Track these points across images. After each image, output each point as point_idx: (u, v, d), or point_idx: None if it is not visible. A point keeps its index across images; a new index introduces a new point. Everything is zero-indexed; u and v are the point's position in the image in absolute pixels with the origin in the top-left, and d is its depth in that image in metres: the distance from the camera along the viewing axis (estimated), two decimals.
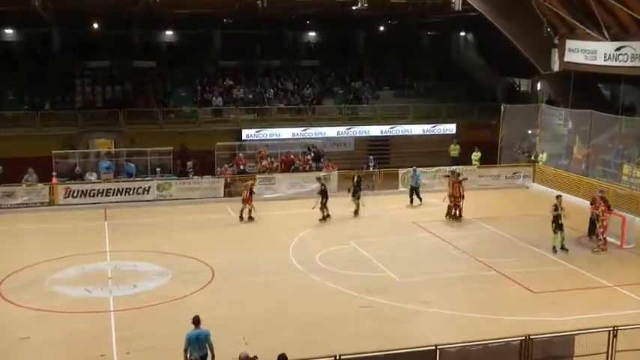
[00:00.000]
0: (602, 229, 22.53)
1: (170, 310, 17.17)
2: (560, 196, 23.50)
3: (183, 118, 37.05)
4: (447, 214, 26.51)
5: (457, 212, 26.28)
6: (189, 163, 31.61)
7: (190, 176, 30.60)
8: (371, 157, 33.22)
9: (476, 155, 34.90)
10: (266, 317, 16.99)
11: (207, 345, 13.03)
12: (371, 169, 32.33)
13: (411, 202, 28.67)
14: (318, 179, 27.44)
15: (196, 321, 13.23)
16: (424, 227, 25.48)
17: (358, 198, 26.80)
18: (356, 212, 26.85)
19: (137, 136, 34.81)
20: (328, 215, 26.34)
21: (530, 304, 18.04)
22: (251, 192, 26.43)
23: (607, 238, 22.98)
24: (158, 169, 31.31)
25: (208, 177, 30.48)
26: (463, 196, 26.23)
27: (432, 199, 29.64)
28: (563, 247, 22.26)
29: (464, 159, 35.32)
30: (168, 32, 42.75)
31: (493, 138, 35.68)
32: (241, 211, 26.26)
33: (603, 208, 22.51)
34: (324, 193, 26.27)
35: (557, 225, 22.23)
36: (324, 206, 26.21)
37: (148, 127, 35.72)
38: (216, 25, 41.66)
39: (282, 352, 11.80)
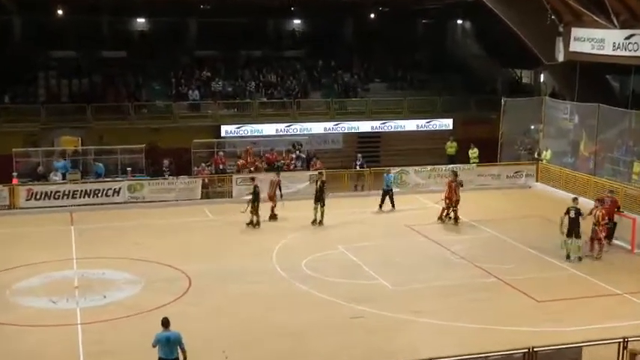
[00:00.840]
0: (603, 234, 22.38)
1: (143, 322, 17.04)
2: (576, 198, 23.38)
3: (156, 114, 36.89)
4: (439, 217, 26.54)
5: (454, 216, 26.25)
6: (165, 162, 31.50)
7: (165, 176, 30.47)
8: (359, 155, 33.20)
9: (473, 153, 35.02)
10: (247, 329, 16.94)
11: (178, 348, 13.25)
12: (358, 167, 32.30)
13: (380, 206, 28.26)
14: (252, 179, 27.12)
15: (166, 322, 13.47)
16: (418, 231, 25.51)
17: (322, 205, 26.02)
18: (319, 222, 25.97)
19: (106, 132, 34.64)
20: (258, 223, 25.69)
21: (534, 313, 18.09)
22: (279, 188, 27.08)
23: (616, 242, 23.10)
24: (129, 169, 31.17)
25: (184, 177, 30.39)
26: (458, 199, 26.20)
27: (426, 200, 29.76)
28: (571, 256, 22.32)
29: (461, 157, 35.43)
30: (140, 20, 42.56)
31: (493, 134, 35.78)
32: (272, 209, 26.87)
33: (603, 212, 22.41)
34: (256, 196, 25.73)
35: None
36: (255, 210, 25.68)
37: (118, 123, 35.53)
38: (193, 13, 41.51)
39: None
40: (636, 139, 30.40)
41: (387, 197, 28.49)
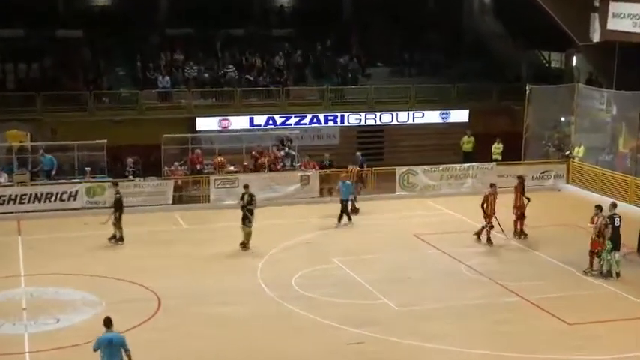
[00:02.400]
0: (594, 248, 22.28)
1: None
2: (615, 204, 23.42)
3: (120, 104, 36.85)
4: (514, 232, 25.99)
5: (487, 236, 25.52)
6: (130, 161, 31.47)
7: (129, 178, 30.43)
8: (359, 153, 33.21)
9: (497, 148, 35.08)
10: (226, 357, 16.84)
11: (122, 351, 13.89)
12: (358, 168, 32.28)
13: (339, 219, 27.61)
14: (114, 184, 26.87)
15: (108, 322, 14.11)
16: (428, 241, 25.59)
17: (249, 223, 24.91)
18: (243, 244, 24.84)
19: (60, 126, 34.56)
20: (121, 237, 25.44)
21: (564, 338, 18.12)
22: (358, 180, 28.83)
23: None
24: (88, 169, 31.10)
25: (153, 179, 30.38)
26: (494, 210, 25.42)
27: (438, 205, 29.84)
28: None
29: (480, 154, 35.48)
30: None
31: (516, 127, 35.88)
32: (352, 204, 28.52)
33: (603, 218, 22.22)
34: (118, 204, 25.47)
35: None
36: (118, 222, 25.44)
37: (75, 115, 35.46)
38: None
39: None
40: None
41: (348, 208, 27.86)
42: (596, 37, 33.10)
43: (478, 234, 25.55)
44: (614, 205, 22.94)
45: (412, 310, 19.76)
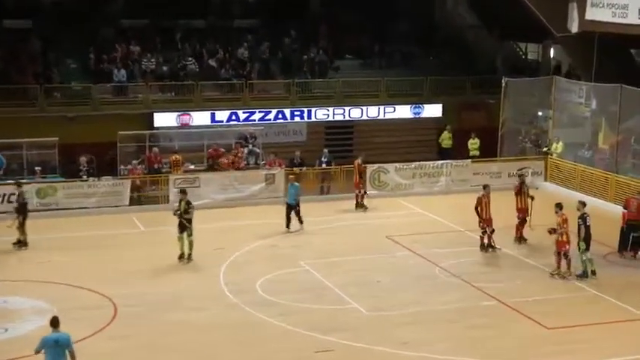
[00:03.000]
0: (561, 249, 22.42)
1: None
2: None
3: (72, 98, 36.50)
4: (515, 237, 25.90)
5: (488, 242, 25.15)
6: (83, 160, 31.23)
7: (83, 177, 30.18)
8: (325, 150, 33.23)
9: (473, 144, 35.30)
10: None
11: (67, 351, 14.20)
12: (324, 165, 32.28)
13: (287, 224, 27.23)
14: (18, 184, 26.40)
15: (55, 322, 14.43)
16: (401, 243, 25.65)
17: (190, 235, 24.05)
18: (182, 256, 23.95)
19: (7, 122, 34.07)
20: (25, 243, 25.08)
21: (543, 344, 18.21)
22: (360, 174, 29.48)
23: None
24: (38, 169, 30.86)
25: (108, 178, 30.18)
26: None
27: (410, 204, 29.95)
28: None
29: (457, 150, 35.67)
30: None
31: (491, 122, 36.11)
32: (356, 198, 29.78)
33: (565, 217, 22.48)
34: (22, 208, 25.13)
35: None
36: (21, 226, 25.09)
37: (23, 111, 35.03)
38: None
39: None
40: None
41: (293, 213, 27.44)
42: (574, 28, 33.35)
43: (483, 245, 24.94)
44: (583, 204, 23.13)
45: (384, 316, 19.78)
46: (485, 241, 24.83)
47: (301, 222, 27.24)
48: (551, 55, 41.83)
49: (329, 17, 43.66)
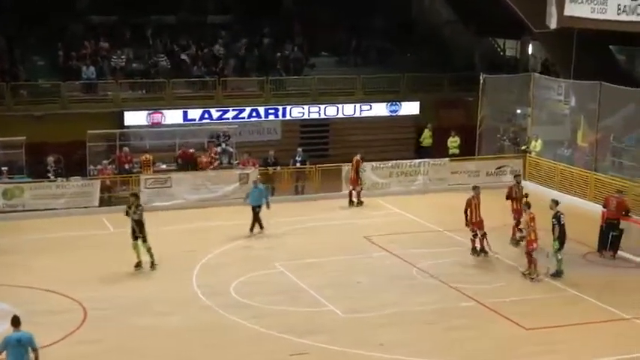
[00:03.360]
0: (530, 247, 22.59)
1: None
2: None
3: (40, 97, 36.30)
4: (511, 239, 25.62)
5: (480, 246, 24.85)
6: (50, 160, 31.08)
7: (50, 177, 30.05)
8: (300, 149, 33.26)
9: (453, 142, 35.49)
10: None
11: (30, 349, 14.55)
12: (298, 164, 32.29)
13: (252, 229, 26.86)
14: None
15: (16, 321, 14.71)
16: (378, 243, 25.71)
17: (144, 240, 23.42)
18: (138, 264, 23.38)
19: None
20: None
21: (522, 344, 18.36)
22: (357, 171, 30.06)
23: (623, 254, 23.63)
24: (4, 169, 30.68)
25: (77, 179, 30.05)
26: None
27: (388, 204, 30.07)
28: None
29: (437, 148, 35.83)
30: None
31: (469, 120, 36.27)
32: (350, 195, 30.19)
33: (532, 215, 22.64)
34: None
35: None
36: None
37: None
38: None
39: None
40: None
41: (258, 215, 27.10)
42: (553, 24, 33.52)
43: (474, 249, 24.68)
44: (556, 203, 23.32)
45: (360, 318, 19.82)
46: (477, 245, 24.52)
47: (261, 227, 26.93)
48: (530, 52, 42.05)
49: (304, 13, 43.70)
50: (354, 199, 30.59)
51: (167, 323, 19.38)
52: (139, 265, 23.42)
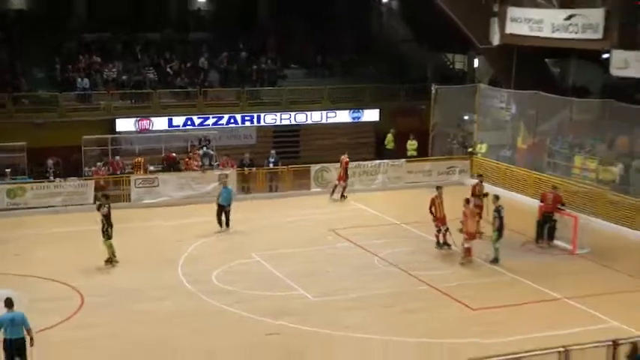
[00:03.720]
0: (465, 236, 22.88)
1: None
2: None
3: (39, 106, 36.07)
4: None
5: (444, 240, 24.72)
6: (49, 162, 30.93)
7: (49, 178, 29.91)
8: (273, 151, 33.34)
9: (412, 145, 35.76)
10: (150, 355, 16.84)
11: (23, 328, 15.02)
12: (272, 166, 32.37)
13: (220, 223, 26.40)
14: None
15: (9, 303, 15.15)
16: (343, 236, 25.85)
17: (109, 237, 22.90)
18: (109, 260, 22.92)
19: None
20: None
21: (470, 324, 18.65)
22: (346, 169, 30.20)
23: (557, 243, 24.01)
24: (8, 170, 30.50)
25: (74, 179, 29.93)
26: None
27: (351, 201, 30.25)
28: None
29: (398, 150, 36.04)
30: None
31: (423, 126, 36.50)
32: (334, 188, 30.50)
33: (469, 208, 22.97)
34: None
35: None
36: None
37: None
38: None
39: None
40: (577, 130, 31.58)
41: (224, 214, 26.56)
42: (495, 41, 33.88)
43: (438, 243, 24.33)
44: (497, 198, 23.66)
45: (328, 301, 20.01)
46: (441, 239, 24.31)
47: (228, 225, 26.41)
48: (476, 65, 42.38)
49: (276, 31, 43.68)
50: (338, 194, 30.76)
51: (157, 308, 19.41)
52: (110, 261, 22.96)
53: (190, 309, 19.47)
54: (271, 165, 32.35)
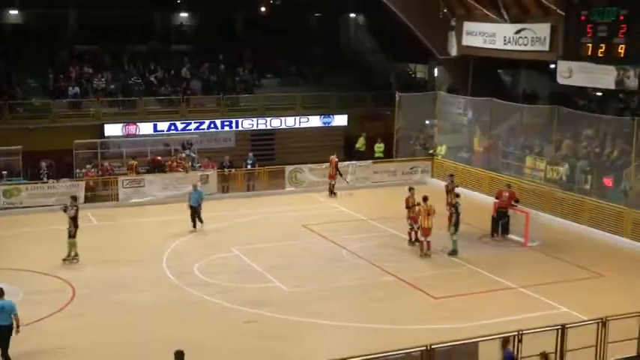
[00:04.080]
0: (421, 231, 22.83)
1: (21, 337, 16.39)
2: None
3: (33, 112, 35.62)
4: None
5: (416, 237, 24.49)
6: (43, 164, 30.52)
7: (43, 180, 29.50)
8: (251, 154, 33.14)
9: (379, 147, 35.75)
10: (137, 342, 16.63)
11: (12, 315, 14.96)
12: (249, 167, 32.16)
13: (194, 224, 25.57)
14: None
15: (0, 292, 15.09)
16: (316, 231, 25.74)
17: (73, 236, 22.46)
18: (69, 257, 22.17)
19: None
20: None
21: (432, 311, 18.62)
22: (336, 167, 30.31)
23: (511, 237, 24.06)
24: (4, 172, 30.10)
25: (66, 180, 29.55)
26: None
27: (322, 199, 30.19)
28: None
29: (369, 152, 36.04)
30: (13, 11, 40.99)
31: (388, 130, 36.51)
32: (330, 186, 30.63)
33: (423, 206, 22.78)
34: None
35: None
36: None
37: None
38: (72, 4, 40.40)
39: None
40: (528, 133, 31.74)
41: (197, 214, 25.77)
42: (453, 52, 34.00)
43: (410, 240, 23.94)
44: (457, 195, 23.65)
45: (302, 292, 19.89)
46: (413, 237, 23.93)
47: (201, 222, 25.56)
48: (436, 74, 42.48)
49: (253, 43, 43.50)
50: (331, 190, 30.88)
51: (143, 299, 19.21)
52: (68, 258, 22.26)
53: (173, 299, 19.27)
54: (249, 166, 32.16)
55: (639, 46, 24.20)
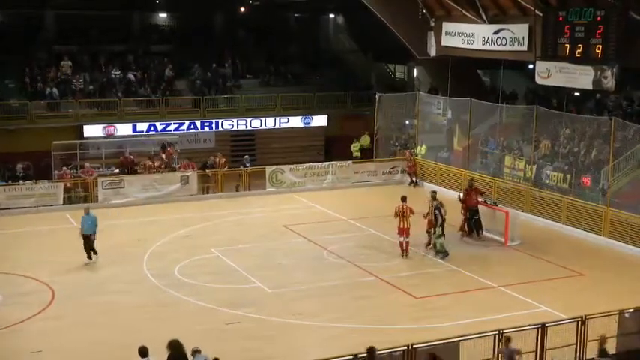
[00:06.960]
0: (398, 231, 22.79)
1: (3, 339, 16.31)
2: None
3: (11, 114, 35.25)
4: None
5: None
6: (19, 166, 30.24)
7: (19, 182, 29.26)
8: (246, 156, 33.10)
9: (355, 146, 35.80)
10: (118, 343, 16.51)
11: None
12: (243, 169, 32.03)
13: (89, 255, 22.24)
14: None
15: None
16: (296, 231, 25.73)
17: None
18: None
19: None
20: None
21: (413, 310, 18.67)
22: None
23: (490, 235, 24.17)
24: None
25: (44, 182, 29.32)
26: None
27: (303, 199, 30.14)
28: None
29: (345, 152, 36.06)
30: None
31: (368, 130, 36.57)
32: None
33: (400, 206, 22.83)
34: None
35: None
36: None
37: None
38: (49, 5, 40.08)
39: None
40: (506, 133, 31.94)
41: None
42: (432, 52, 34.08)
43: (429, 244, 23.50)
44: (435, 193, 23.76)
45: (283, 292, 19.88)
46: (429, 241, 23.37)
47: (95, 253, 22.37)
48: (415, 75, 42.60)
49: (231, 43, 43.40)
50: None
51: (123, 300, 19.13)
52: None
53: (154, 301, 19.21)
54: (243, 168, 32.01)
55: (616, 47, 24.42)
